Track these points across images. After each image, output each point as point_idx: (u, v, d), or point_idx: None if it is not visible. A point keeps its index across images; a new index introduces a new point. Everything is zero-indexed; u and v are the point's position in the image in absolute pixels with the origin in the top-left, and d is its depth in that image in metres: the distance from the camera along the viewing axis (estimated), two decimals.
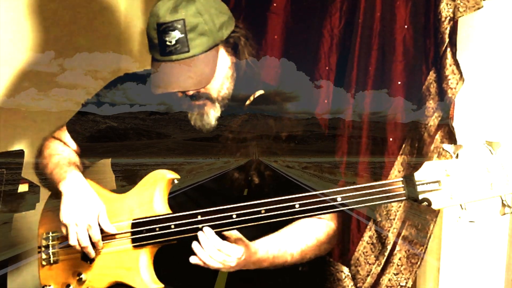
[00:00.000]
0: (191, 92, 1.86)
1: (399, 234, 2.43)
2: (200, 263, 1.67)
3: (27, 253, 2.29)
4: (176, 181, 1.84)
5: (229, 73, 1.92)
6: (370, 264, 2.48)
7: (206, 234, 1.66)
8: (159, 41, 1.82)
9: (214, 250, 1.65)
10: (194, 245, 1.67)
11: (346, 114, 2.45)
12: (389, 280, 2.46)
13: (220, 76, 1.89)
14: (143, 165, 1.96)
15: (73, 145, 2.07)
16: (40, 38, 2.51)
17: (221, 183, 1.94)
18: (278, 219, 1.64)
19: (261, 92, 1.99)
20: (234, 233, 1.68)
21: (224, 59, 1.90)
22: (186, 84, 1.83)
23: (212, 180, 1.94)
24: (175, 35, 1.79)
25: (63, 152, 2.02)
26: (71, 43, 2.58)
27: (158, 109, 2.04)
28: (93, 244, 1.82)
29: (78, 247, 1.82)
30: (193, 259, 1.67)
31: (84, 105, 2.11)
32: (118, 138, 2.10)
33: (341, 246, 2.49)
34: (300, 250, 1.82)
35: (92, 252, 1.83)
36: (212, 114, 1.90)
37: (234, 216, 1.66)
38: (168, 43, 1.80)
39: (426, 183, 1.52)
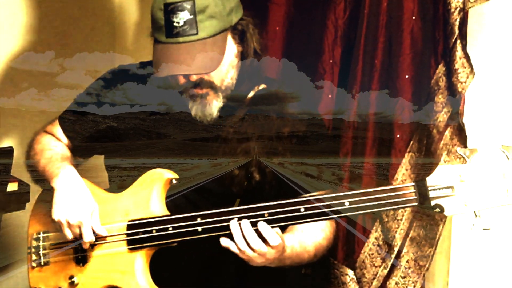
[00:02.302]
0: (194, 78, 1.82)
1: (406, 235, 2.42)
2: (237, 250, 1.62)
3: (18, 255, 2.30)
4: (174, 181, 1.81)
5: (235, 62, 1.88)
6: (376, 266, 2.46)
7: (262, 227, 1.60)
8: (166, 22, 1.77)
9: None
10: (234, 229, 1.61)
11: (351, 110, 2.44)
12: (396, 283, 2.45)
13: (226, 64, 1.84)
14: (143, 166, 1.92)
15: (65, 140, 2.05)
16: (39, 37, 2.55)
17: (220, 181, 1.91)
18: (282, 223, 1.61)
19: (263, 86, 1.95)
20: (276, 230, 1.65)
21: (231, 47, 1.86)
22: (193, 67, 1.78)
23: (211, 179, 1.91)
24: (184, 16, 1.74)
25: (55, 147, 2.00)
26: (71, 42, 2.63)
27: (158, 109, 2.02)
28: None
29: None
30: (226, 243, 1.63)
31: (77, 100, 2.07)
32: (118, 138, 2.09)
33: (345, 248, 2.49)
34: (314, 248, 1.80)
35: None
36: (215, 104, 1.86)
37: (236, 219, 1.62)
38: (175, 23, 1.75)
39: (439, 189, 1.49)
